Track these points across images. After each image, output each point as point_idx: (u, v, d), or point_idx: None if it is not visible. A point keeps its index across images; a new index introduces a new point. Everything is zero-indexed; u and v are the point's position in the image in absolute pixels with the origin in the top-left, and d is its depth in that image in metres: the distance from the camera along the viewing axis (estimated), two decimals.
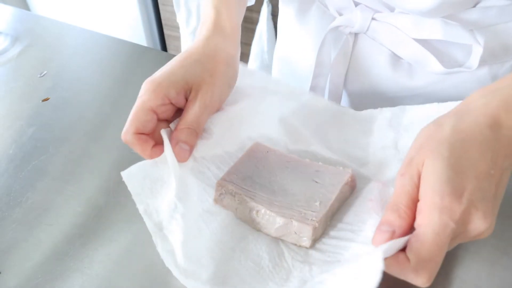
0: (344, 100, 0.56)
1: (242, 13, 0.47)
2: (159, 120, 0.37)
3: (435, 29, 0.45)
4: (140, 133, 0.36)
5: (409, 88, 0.51)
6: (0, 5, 0.70)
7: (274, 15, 1.34)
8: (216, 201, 0.37)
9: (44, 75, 0.56)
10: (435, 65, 0.47)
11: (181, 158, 0.36)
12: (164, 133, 0.36)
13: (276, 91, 0.45)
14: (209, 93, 0.37)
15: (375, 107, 0.53)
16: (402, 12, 0.47)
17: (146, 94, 0.36)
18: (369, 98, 0.54)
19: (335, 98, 0.55)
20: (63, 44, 0.62)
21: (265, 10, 1.31)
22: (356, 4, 0.50)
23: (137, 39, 1.58)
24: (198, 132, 0.37)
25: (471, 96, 0.33)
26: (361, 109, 0.47)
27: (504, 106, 0.31)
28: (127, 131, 0.36)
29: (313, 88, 0.56)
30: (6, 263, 0.35)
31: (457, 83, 0.49)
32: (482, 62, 0.46)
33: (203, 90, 0.37)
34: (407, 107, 0.43)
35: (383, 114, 0.43)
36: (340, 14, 0.51)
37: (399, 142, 0.41)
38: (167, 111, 0.37)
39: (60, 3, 1.70)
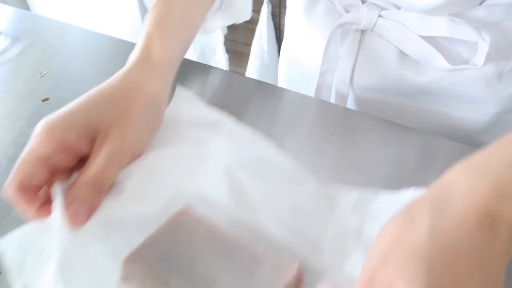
0: (350, 97, 0.56)
1: (184, 47, 0.41)
2: (56, 171, 0.30)
3: (441, 27, 0.45)
4: (25, 187, 0.29)
5: (416, 84, 0.51)
6: (0, 5, 0.70)
7: (274, 15, 1.34)
8: (122, 280, 0.29)
9: (44, 75, 0.56)
10: (441, 62, 0.47)
11: (77, 220, 0.29)
12: (57, 188, 0.29)
13: (229, 132, 0.36)
14: (120, 139, 0.30)
15: (381, 103, 0.54)
16: (408, 9, 0.47)
17: (37, 138, 0.29)
18: (375, 95, 0.54)
19: (342, 94, 0.55)
20: (63, 44, 0.62)
21: (265, 10, 1.31)
22: (363, 2, 0.50)
23: (137, 39, 1.58)
24: (103, 188, 0.30)
25: (452, 173, 0.25)
26: (367, 106, 0.47)
27: (497, 191, 0.23)
28: (9, 184, 0.29)
29: (320, 85, 0.56)
30: None
31: (463, 80, 0.49)
32: (488, 59, 0.46)
33: (112, 135, 0.30)
34: (380, 192, 0.34)
35: (350, 195, 0.35)
36: (347, 11, 0.52)
37: (363, 231, 0.33)
38: (66, 160, 0.30)
39: (60, 3, 1.70)
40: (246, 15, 0.52)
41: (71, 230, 0.28)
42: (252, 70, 1.42)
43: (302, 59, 0.61)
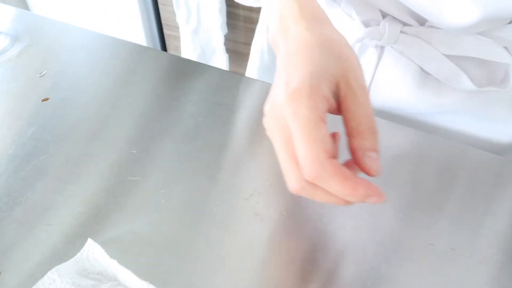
0: None
1: None
2: None
3: (467, 46, 0.43)
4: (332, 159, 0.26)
5: (435, 105, 0.49)
6: (0, 5, 0.70)
7: None
8: None
9: (44, 75, 0.55)
10: (466, 83, 0.45)
11: (375, 171, 0.28)
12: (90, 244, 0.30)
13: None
14: (360, 79, 0.29)
15: (397, 123, 0.52)
16: (433, 26, 0.45)
17: (302, 104, 0.26)
18: (391, 114, 0.52)
19: None
20: (63, 44, 0.62)
21: None
22: (384, 16, 0.47)
23: (137, 39, 1.58)
24: (377, 130, 0.29)
25: None
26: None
27: None
28: (317, 162, 0.25)
29: None
30: (6, 263, 0.35)
31: (486, 102, 0.47)
32: None
33: (352, 78, 0.29)
34: None
35: None
36: (367, 26, 0.48)
37: None
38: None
39: (60, 3, 1.70)
40: None
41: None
42: (252, 70, 1.42)
43: None
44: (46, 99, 0.52)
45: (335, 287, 0.34)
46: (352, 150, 0.29)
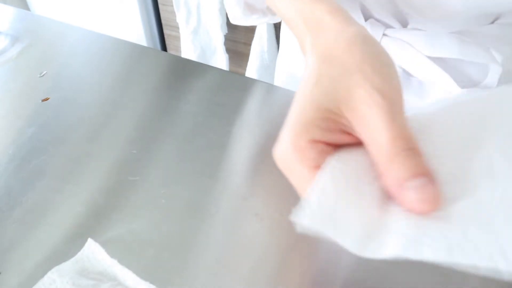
0: None
1: None
2: None
3: (450, 47, 0.43)
4: None
5: (419, 106, 0.49)
6: (0, 5, 0.70)
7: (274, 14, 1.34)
8: None
9: (44, 75, 0.56)
10: (450, 85, 0.45)
11: (424, 201, 0.22)
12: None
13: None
14: (367, 95, 0.26)
15: None
16: (416, 28, 0.45)
17: (287, 160, 0.25)
18: None
19: None
20: (63, 44, 0.62)
21: None
22: (366, 19, 0.47)
23: (137, 39, 1.58)
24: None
25: None
26: None
27: None
28: None
29: None
30: (6, 263, 0.35)
31: None
32: (500, 80, 0.44)
33: (348, 99, 0.26)
34: None
35: None
36: None
37: None
38: None
39: (60, 3, 1.70)
40: None
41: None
42: (252, 70, 1.42)
43: (299, 76, 0.59)
44: (46, 99, 0.52)
45: (335, 287, 0.34)
46: (390, 191, 0.23)
